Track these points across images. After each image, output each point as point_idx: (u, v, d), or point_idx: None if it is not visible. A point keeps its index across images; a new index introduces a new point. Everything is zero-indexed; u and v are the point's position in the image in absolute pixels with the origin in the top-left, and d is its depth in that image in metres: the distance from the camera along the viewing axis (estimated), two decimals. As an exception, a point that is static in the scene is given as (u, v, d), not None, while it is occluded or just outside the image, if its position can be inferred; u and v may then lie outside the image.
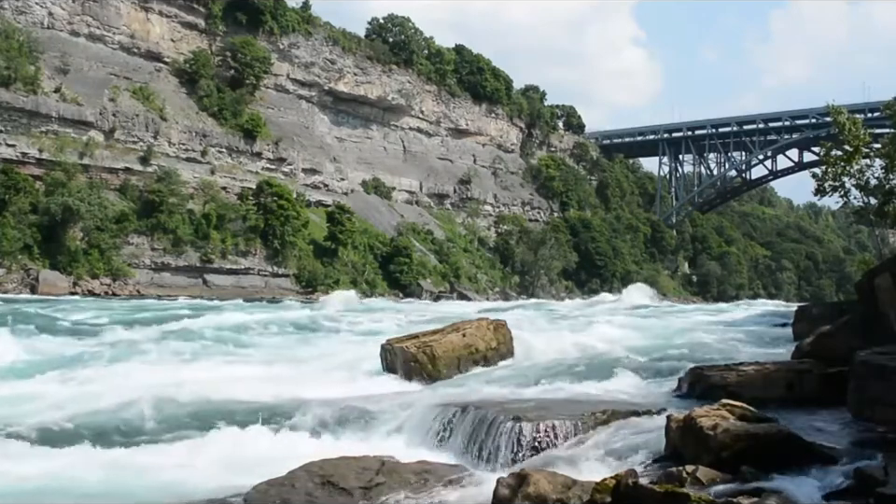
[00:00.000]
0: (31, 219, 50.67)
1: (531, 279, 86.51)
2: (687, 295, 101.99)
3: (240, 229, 63.12)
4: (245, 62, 72.10)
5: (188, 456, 9.09)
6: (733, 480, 6.26)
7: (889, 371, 7.61)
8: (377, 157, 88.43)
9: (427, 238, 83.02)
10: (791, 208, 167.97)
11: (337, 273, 68.44)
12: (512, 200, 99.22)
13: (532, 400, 10.53)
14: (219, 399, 11.99)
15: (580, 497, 6.17)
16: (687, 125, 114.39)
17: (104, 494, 7.69)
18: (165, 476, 8.36)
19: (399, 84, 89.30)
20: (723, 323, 28.10)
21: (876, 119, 52.12)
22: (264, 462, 8.26)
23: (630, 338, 19.62)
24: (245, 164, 70.17)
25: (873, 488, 5.77)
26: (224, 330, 22.24)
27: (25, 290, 47.08)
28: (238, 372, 14.71)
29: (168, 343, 18.70)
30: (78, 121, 57.60)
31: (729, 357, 14.36)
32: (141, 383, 13.03)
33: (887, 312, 9.84)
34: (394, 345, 14.75)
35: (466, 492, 7.22)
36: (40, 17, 60.24)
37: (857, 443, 7.43)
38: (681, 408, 9.20)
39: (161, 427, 10.49)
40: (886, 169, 22.83)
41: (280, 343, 20.83)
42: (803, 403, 9.40)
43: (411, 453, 8.77)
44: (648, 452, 7.73)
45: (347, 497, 6.97)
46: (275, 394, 12.37)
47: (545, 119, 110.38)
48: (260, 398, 12.12)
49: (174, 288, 56.00)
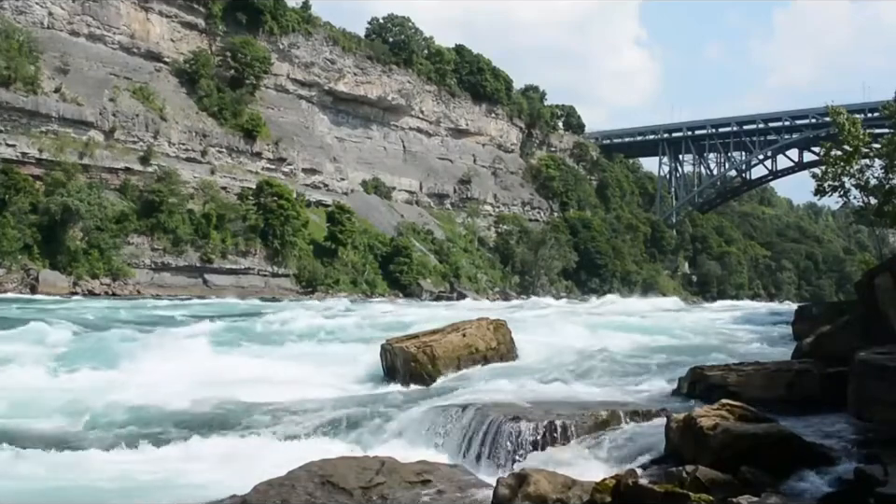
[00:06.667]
0: (31, 219, 50.65)
1: (531, 279, 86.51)
2: (687, 295, 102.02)
3: (240, 229, 63.11)
4: (245, 62, 72.08)
5: (188, 456, 9.09)
6: (733, 480, 6.26)
7: (889, 371, 7.61)
8: (377, 157, 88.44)
9: (427, 238, 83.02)
10: (791, 208, 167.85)
11: (337, 273, 68.43)
12: (512, 200, 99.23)
13: (532, 400, 10.53)
14: (219, 398, 12.00)
15: (580, 497, 6.17)
16: (687, 125, 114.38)
17: (104, 492, 7.69)
18: (164, 476, 8.37)
19: (398, 84, 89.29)
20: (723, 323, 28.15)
21: (876, 119, 52.09)
22: (264, 462, 8.26)
23: (630, 338, 19.63)
24: (245, 164, 70.17)
25: (873, 488, 5.77)
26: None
27: (25, 290, 47.06)
28: (238, 372, 14.69)
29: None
30: (78, 121, 57.57)
31: (729, 357, 14.38)
32: (139, 382, 13.05)
33: (887, 312, 9.84)
34: (394, 345, 14.77)
35: (466, 492, 7.22)
36: (40, 17, 60.21)
37: (857, 443, 7.43)
38: (681, 408, 9.22)
39: (161, 427, 10.49)
40: (885, 169, 22.82)
41: (278, 342, 20.79)
42: (803, 403, 9.39)
43: (411, 453, 8.77)
44: (648, 452, 7.74)
45: (347, 497, 6.97)
46: (275, 394, 12.38)
47: (545, 118, 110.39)
48: (260, 397, 12.14)
49: (174, 288, 56.00)
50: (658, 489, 5.84)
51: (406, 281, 72.73)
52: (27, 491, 7.80)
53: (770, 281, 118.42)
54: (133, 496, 7.76)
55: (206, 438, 9.81)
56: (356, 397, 12.27)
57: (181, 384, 12.91)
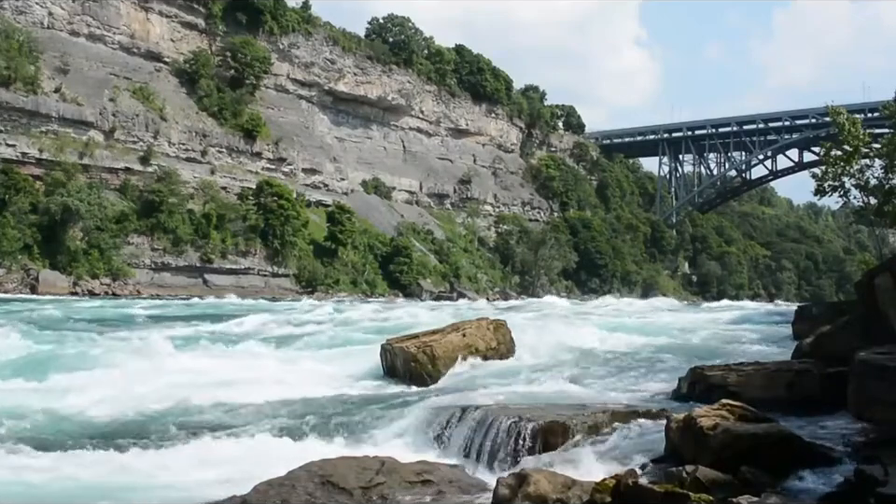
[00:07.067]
0: (31, 219, 50.68)
1: (531, 279, 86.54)
2: (687, 295, 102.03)
3: (240, 228, 63.15)
4: (245, 62, 72.13)
5: (188, 457, 9.08)
6: (733, 480, 6.25)
7: (889, 371, 7.60)
8: (377, 157, 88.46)
9: (427, 238, 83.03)
10: (791, 208, 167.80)
11: (337, 273, 68.46)
12: (512, 200, 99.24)
13: (532, 400, 10.53)
14: (218, 398, 12.00)
15: (580, 497, 6.17)
16: (687, 125, 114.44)
17: (103, 495, 7.68)
18: (164, 476, 8.36)
19: (398, 84, 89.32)
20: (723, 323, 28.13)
21: (876, 119, 52.09)
22: (264, 462, 8.26)
23: (630, 338, 19.61)
24: (245, 164, 70.21)
25: (873, 488, 5.77)
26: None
27: (25, 290, 47.09)
28: (237, 372, 14.69)
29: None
30: (78, 121, 57.62)
31: (728, 357, 14.36)
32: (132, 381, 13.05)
33: (887, 312, 9.83)
34: (394, 345, 14.76)
35: (466, 492, 7.22)
36: (40, 17, 60.25)
37: (857, 443, 7.42)
38: (681, 408, 9.21)
39: (160, 427, 10.49)
40: (885, 169, 22.83)
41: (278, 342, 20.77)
42: (803, 403, 9.38)
43: (411, 453, 8.78)
44: (648, 452, 7.73)
45: (347, 497, 6.97)
46: (274, 393, 12.38)
47: (545, 118, 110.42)
48: (259, 397, 12.13)
49: (174, 288, 56.04)
50: (658, 489, 5.83)
51: (406, 281, 72.75)
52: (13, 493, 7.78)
53: (770, 281, 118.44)
54: (131, 496, 7.75)
55: (206, 438, 9.81)
56: (355, 396, 12.26)
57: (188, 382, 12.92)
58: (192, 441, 9.75)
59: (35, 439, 9.77)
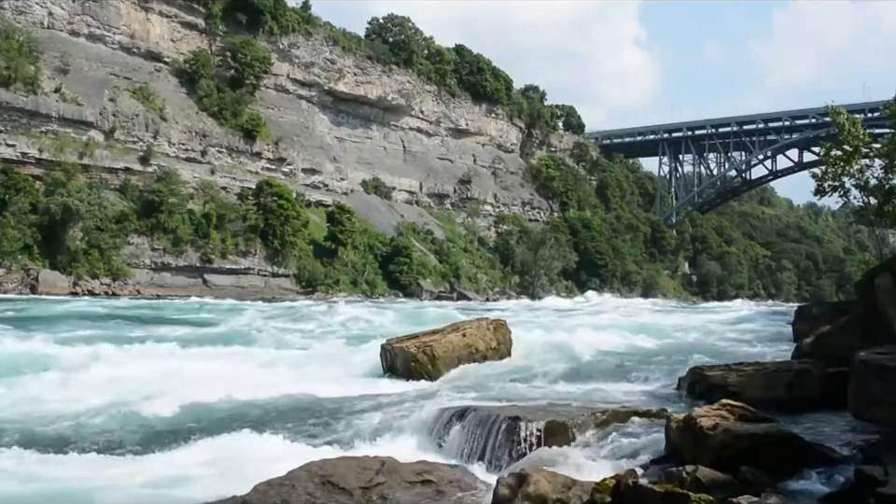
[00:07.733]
0: (31, 219, 50.65)
1: (531, 279, 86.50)
2: (687, 295, 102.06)
3: (240, 229, 63.13)
4: (245, 62, 72.10)
5: (188, 457, 9.09)
6: (733, 480, 6.25)
7: (889, 371, 7.60)
8: (377, 157, 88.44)
9: (427, 238, 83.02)
10: (791, 208, 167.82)
11: (337, 273, 68.44)
12: (512, 200, 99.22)
13: (532, 400, 10.54)
14: (218, 398, 12.00)
15: (580, 497, 6.17)
16: (687, 125, 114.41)
17: (103, 494, 7.68)
18: (164, 476, 8.36)
19: (398, 84, 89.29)
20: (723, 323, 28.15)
21: (876, 119, 52.07)
22: (264, 462, 8.26)
23: (629, 338, 19.63)
24: (245, 164, 70.18)
25: (873, 488, 5.77)
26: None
27: (25, 290, 47.07)
28: (237, 372, 14.69)
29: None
30: (78, 121, 57.59)
31: (728, 357, 14.37)
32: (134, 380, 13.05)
33: (887, 312, 9.83)
34: (394, 345, 14.77)
35: (466, 492, 7.22)
36: (40, 17, 60.23)
37: (857, 443, 7.43)
38: (681, 408, 9.22)
39: (159, 427, 10.49)
40: (885, 169, 22.79)
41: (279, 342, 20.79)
42: (803, 403, 9.40)
43: (411, 453, 8.77)
44: (648, 452, 7.73)
45: (347, 497, 6.97)
46: (274, 393, 12.37)
47: (545, 118, 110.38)
48: (259, 397, 12.13)
49: (174, 288, 56.02)
50: (658, 489, 5.84)
51: (406, 281, 72.74)
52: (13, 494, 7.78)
53: (770, 281, 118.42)
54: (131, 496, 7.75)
55: (206, 438, 9.80)
56: (356, 396, 12.26)
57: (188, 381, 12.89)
58: (192, 440, 9.75)
59: (35, 439, 9.77)
